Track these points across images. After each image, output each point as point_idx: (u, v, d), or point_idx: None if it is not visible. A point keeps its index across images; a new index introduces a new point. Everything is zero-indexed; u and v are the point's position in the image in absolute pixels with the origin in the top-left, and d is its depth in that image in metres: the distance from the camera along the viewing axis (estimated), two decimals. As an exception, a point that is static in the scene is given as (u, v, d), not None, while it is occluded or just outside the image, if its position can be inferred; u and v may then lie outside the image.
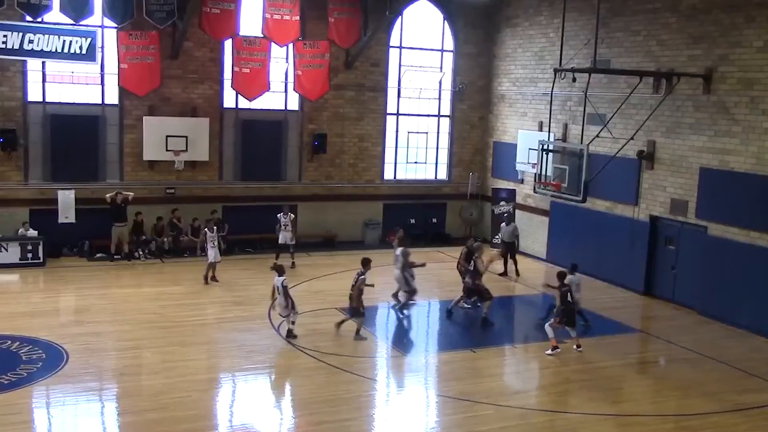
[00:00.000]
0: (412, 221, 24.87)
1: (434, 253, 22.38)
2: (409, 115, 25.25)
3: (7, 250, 19.70)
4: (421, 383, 13.49)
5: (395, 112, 24.99)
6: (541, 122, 22.56)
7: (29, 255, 19.91)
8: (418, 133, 25.48)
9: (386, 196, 25.06)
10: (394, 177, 25.32)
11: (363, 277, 15.04)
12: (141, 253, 21.31)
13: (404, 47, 24.75)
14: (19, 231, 20.33)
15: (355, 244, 23.66)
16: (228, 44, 22.20)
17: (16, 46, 19.32)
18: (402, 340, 15.83)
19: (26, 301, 17.13)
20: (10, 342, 14.04)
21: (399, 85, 24.78)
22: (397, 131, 25.13)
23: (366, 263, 15.31)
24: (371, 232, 24.45)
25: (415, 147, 25.62)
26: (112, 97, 21.81)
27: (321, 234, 23.98)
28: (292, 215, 21.39)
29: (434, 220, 25.66)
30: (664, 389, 13.27)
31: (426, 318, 17.87)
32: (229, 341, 14.88)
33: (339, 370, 13.34)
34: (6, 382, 12.27)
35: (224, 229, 21.16)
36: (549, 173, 17.99)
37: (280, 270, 14.93)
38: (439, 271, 19.88)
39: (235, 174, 23.30)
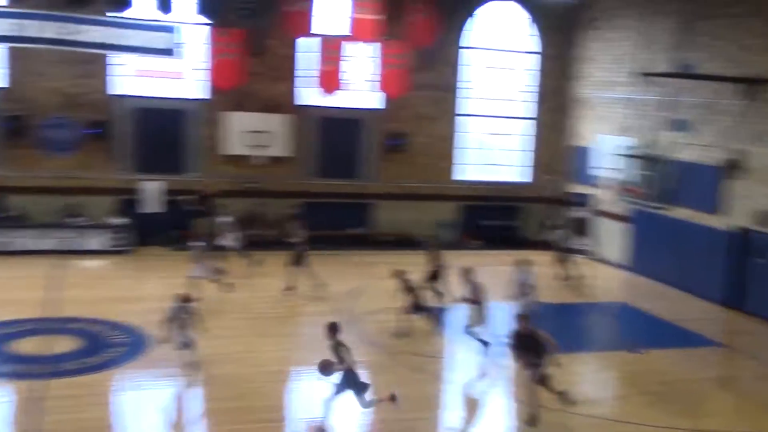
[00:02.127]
0: (486, 222, 24.81)
1: (505, 256, 22.19)
2: (486, 116, 25.16)
3: (96, 237, 20.52)
4: (494, 387, 13.44)
5: (471, 113, 24.93)
6: (622, 127, 22.17)
7: (117, 242, 20.65)
8: (496, 134, 25.37)
9: (461, 196, 25.03)
10: (470, 178, 25.27)
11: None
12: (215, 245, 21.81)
13: (483, 48, 24.66)
14: (108, 219, 21.11)
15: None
16: (310, 42, 22.53)
17: (104, 41, 20.00)
18: (480, 342, 15.77)
19: (113, 286, 17.75)
20: (97, 325, 14.62)
21: (476, 86, 24.72)
22: (474, 133, 25.06)
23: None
24: (446, 233, 24.47)
25: (493, 149, 25.51)
26: (198, 93, 22.41)
27: (395, 233, 24.11)
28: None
29: (509, 223, 25.51)
30: (746, 406, 12.91)
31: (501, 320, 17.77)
32: (305, 335, 15.14)
33: (411, 369, 13.42)
34: (92, 364, 12.79)
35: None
36: (630, 179, 17.69)
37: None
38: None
39: (314, 170, 23.65)
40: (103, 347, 13.60)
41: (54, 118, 20.99)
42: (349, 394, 10.54)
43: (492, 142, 25.48)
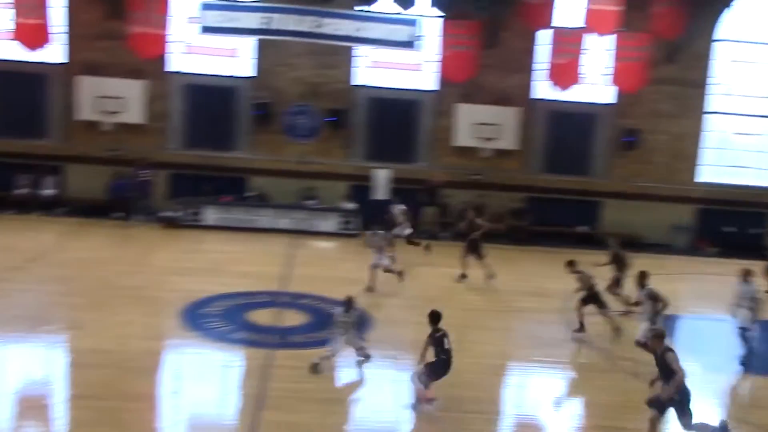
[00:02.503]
0: (728, 229, 23.02)
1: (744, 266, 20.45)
2: (734, 114, 23.30)
3: (327, 220, 21.65)
4: (715, 405, 12.44)
5: (719, 110, 23.19)
6: None
7: (346, 226, 21.64)
8: (744, 134, 23.42)
9: (700, 199, 23.42)
10: (712, 180, 23.56)
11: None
12: (445, 234, 22.13)
13: (735, 41, 22.83)
14: (340, 204, 22.18)
15: (661, 247, 22.44)
16: (544, 34, 22.12)
17: (348, 34, 20.91)
18: (705, 357, 14.72)
19: (339, 267, 18.58)
20: (324, 303, 15.39)
21: (723, 81, 22.97)
22: (719, 131, 23.32)
23: None
24: (681, 237, 23.04)
25: (740, 149, 23.60)
26: (431, 84, 22.83)
27: (623, 234, 23.05)
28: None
29: (753, 230, 23.49)
30: None
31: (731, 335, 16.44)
32: (522, 330, 14.95)
33: (632, 376, 12.78)
34: (317, 338, 13.47)
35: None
36: None
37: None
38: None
39: (541, 165, 23.25)
40: (328, 324, 14.27)
41: (297, 106, 22.37)
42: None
43: (738, 141, 23.56)
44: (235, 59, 22.54)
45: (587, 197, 22.97)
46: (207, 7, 20.88)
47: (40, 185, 21.76)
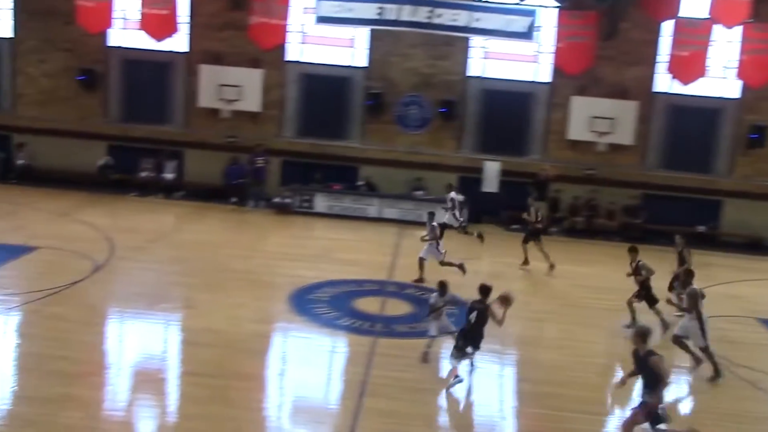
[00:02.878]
0: None
1: None
2: None
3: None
4: None
5: None
6: None
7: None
8: None
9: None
10: None
11: None
12: (555, 229, 21.75)
13: None
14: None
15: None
16: (666, 26, 21.31)
17: (464, 24, 20.77)
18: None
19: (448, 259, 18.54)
20: (428, 294, 15.40)
21: None
22: None
23: None
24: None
25: None
26: (545, 76, 22.43)
27: (745, 234, 22.05)
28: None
29: None
30: None
31: None
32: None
33: (747, 384, 12.22)
34: (421, 329, 13.52)
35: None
36: None
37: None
38: None
39: (659, 161, 22.47)
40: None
41: (409, 97, 22.44)
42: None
43: None
44: (350, 49, 22.83)
45: (707, 196, 22.02)
46: (324, -2, 21.26)
47: (162, 169, 22.74)
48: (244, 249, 17.88)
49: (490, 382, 11.97)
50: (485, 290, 11.32)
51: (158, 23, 21.72)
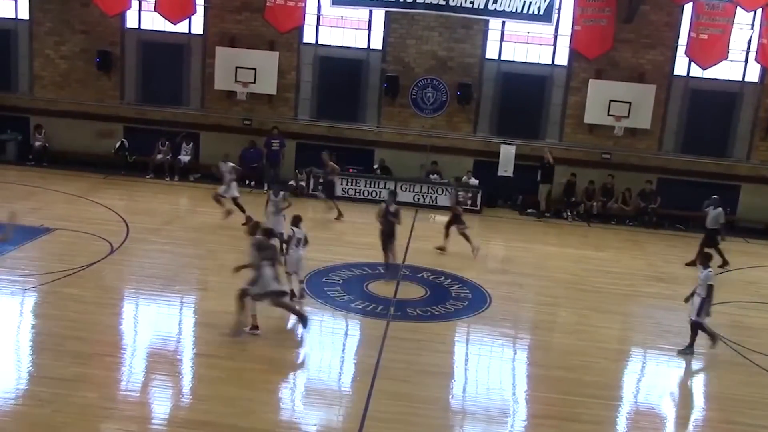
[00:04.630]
0: None
1: None
2: None
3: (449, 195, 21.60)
4: None
5: None
6: None
7: (468, 201, 21.52)
8: None
9: None
10: None
11: None
12: (569, 214, 21.67)
13: None
14: (462, 178, 22.07)
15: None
16: (687, 8, 21.04)
17: (481, 6, 20.60)
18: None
19: (458, 242, 18.52)
20: (443, 278, 15.44)
21: None
22: None
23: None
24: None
25: None
26: (562, 59, 22.25)
27: (762, 220, 21.86)
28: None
29: None
30: None
31: None
32: (645, 316, 14.50)
33: (761, 369, 12.17)
34: (434, 312, 13.57)
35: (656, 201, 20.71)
36: None
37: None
38: None
39: (676, 146, 22.29)
40: (446, 299, 14.35)
41: (425, 80, 22.34)
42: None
43: None
44: (366, 32, 22.73)
45: (725, 181, 21.82)
46: (340, -21, 21.15)
47: (178, 151, 22.80)
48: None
49: (502, 366, 11.98)
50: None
51: (174, 5, 21.70)
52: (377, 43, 22.66)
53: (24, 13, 23.30)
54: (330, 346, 12.25)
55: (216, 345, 11.44)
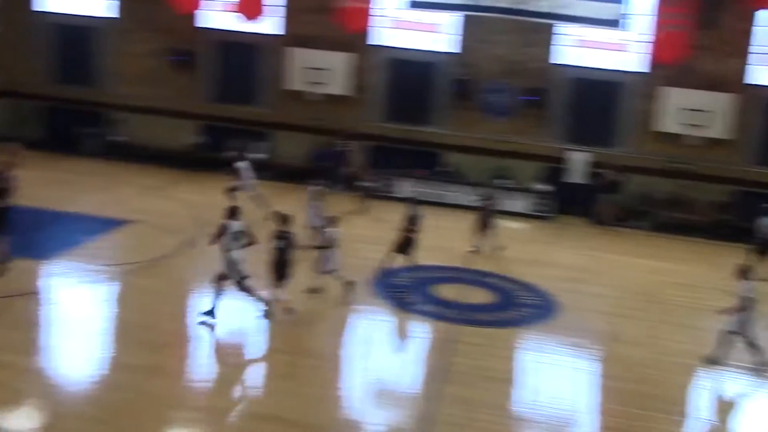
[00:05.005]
0: None
1: None
2: None
3: (520, 200, 21.46)
4: None
5: None
6: None
7: (539, 207, 21.34)
8: None
9: None
10: None
11: None
12: (641, 224, 21.26)
13: None
14: (532, 184, 21.88)
15: None
16: (764, 15, 20.46)
17: (553, 11, 20.40)
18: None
19: (529, 249, 18.40)
20: (510, 284, 15.34)
21: None
22: None
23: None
24: None
25: None
26: (635, 65, 21.83)
27: None
28: None
29: None
30: None
31: None
32: (716, 331, 14.10)
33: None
34: (503, 318, 13.50)
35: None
36: None
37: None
38: None
39: (756, 157, 21.65)
40: (515, 305, 14.26)
41: (495, 84, 22.23)
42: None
43: None
44: (438, 34, 22.74)
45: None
46: (415, -19, 21.24)
47: (250, 149, 23.15)
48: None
49: (570, 376, 11.84)
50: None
51: (251, 5, 22.13)
52: (449, 47, 22.65)
53: (108, 12, 24.05)
54: (396, 347, 12.30)
55: (283, 340, 11.61)
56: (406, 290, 14.05)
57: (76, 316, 12.06)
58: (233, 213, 12.24)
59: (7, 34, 24.15)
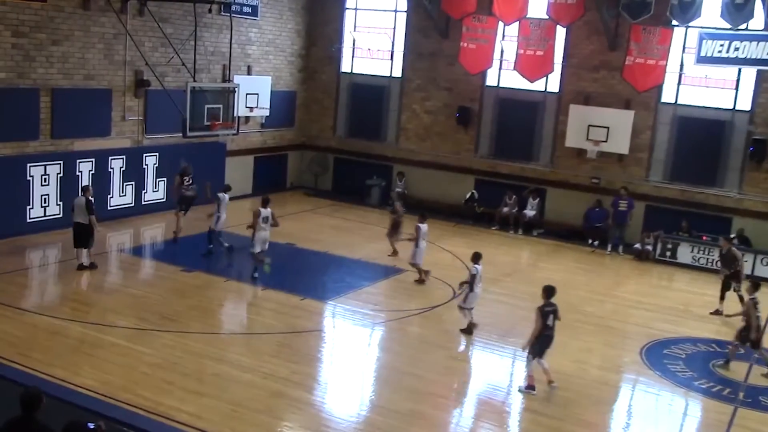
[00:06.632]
0: None
1: None
2: None
3: None
4: None
5: None
6: None
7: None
8: None
9: None
10: None
11: None
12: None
13: None
14: None
15: None
16: None
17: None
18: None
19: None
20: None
21: None
22: None
23: None
24: None
25: None
26: None
27: None
28: None
29: None
30: None
31: None
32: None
33: None
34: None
35: None
36: None
37: None
38: None
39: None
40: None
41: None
42: None
43: None
44: (732, 91, 21.26)
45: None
46: (708, 36, 20.12)
47: (524, 206, 23.23)
48: (597, 293, 17.52)
49: None
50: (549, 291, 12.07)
51: (534, 64, 22.37)
52: (744, 104, 21.06)
53: (397, 72, 25.67)
54: (666, 422, 11.46)
55: (544, 402, 11.33)
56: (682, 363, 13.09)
57: (350, 355, 12.80)
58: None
59: (307, 93, 26.77)
